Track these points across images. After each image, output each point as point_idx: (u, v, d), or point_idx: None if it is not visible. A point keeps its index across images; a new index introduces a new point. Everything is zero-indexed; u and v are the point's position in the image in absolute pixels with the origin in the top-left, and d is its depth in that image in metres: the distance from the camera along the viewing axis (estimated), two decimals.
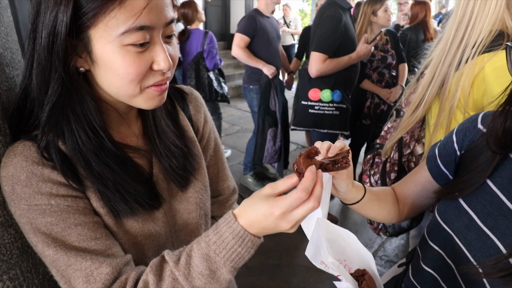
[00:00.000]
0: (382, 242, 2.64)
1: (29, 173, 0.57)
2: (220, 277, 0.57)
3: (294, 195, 0.51)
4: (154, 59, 0.57)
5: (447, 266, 0.68)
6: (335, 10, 2.21)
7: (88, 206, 0.62)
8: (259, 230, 0.56)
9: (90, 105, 0.60)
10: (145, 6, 0.52)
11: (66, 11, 0.51)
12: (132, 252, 0.67)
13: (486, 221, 0.62)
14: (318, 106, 2.42)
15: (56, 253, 0.57)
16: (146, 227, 0.69)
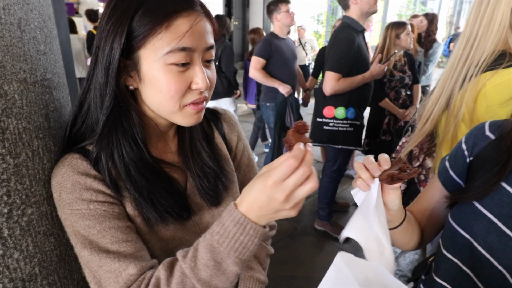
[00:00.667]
0: (396, 256, 2.57)
1: (74, 182, 0.61)
2: (226, 269, 0.55)
3: (284, 163, 0.49)
4: (193, 78, 0.61)
5: (463, 275, 0.64)
6: (348, 32, 2.25)
7: (122, 212, 0.65)
8: (258, 212, 0.53)
9: (135, 120, 0.65)
10: (188, 30, 0.57)
11: (122, 35, 0.57)
12: (163, 258, 0.67)
13: (508, 223, 0.60)
14: (333, 123, 2.43)
15: (90, 254, 0.60)
16: (177, 236, 0.71)
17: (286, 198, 0.50)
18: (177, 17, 0.57)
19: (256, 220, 0.54)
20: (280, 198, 0.50)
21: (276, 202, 0.51)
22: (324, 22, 8.61)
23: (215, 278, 0.55)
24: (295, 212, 0.53)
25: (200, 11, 0.61)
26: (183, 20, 0.58)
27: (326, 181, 2.68)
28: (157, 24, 0.56)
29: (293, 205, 0.52)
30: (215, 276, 0.55)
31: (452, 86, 0.99)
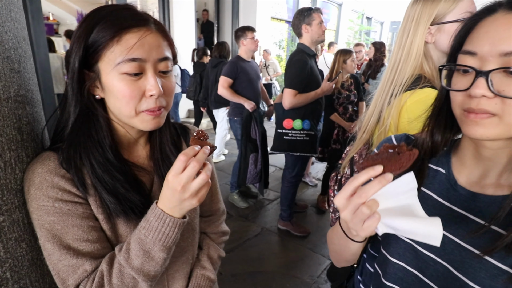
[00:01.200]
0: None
1: (42, 179, 0.61)
2: (154, 256, 0.60)
3: (177, 160, 0.54)
4: (146, 86, 0.61)
5: (410, 275, 0.63)
6: (302, 55, 2.35)
7: (86, 211, 0.64)
8: (169, 204, 0.58)
9: (103, 126, 0.66)
10: (136, 43, 0.59)
11: (80, 51, 0.59)
12: None
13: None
14: (291, 133, 2.50)
15: (53, 248, 0.60)
16: None
17: (182, 188, 0.55)
18: (127, 32, 0.59)
19: (171, 212, 0.59)
20: (178, 188, 0.54)
21: (176, 193, 0.55)
22: (285, 47, 8.86)
23: (146, 264, 0.60)
24: (196, 201, 0.57)
25: (152, 27, 0.62)
26: (132, 35, 0.59)
27: (286, 186, 2.73)
28: (108, 38, 0.58)
29: (191, 195, 0.56)
30: (145, 263, 0.60)
31: (382, 102, 1.06)
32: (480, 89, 0.47)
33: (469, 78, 0.49)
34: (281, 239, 2.74)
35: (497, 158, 0.54)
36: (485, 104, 0.47)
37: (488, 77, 0.46)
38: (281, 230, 2.83)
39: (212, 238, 0.93)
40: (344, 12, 10.59)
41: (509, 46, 0.45)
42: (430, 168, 0.65)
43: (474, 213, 0.56)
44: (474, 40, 0.50)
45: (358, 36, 11.26)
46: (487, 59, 0.47)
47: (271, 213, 3.15)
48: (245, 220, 3.01)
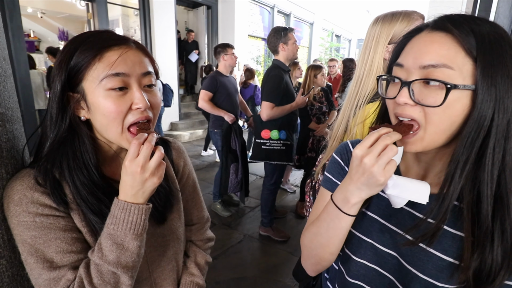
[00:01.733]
0: None
1: (21, 195, 0.59)
2: (128, 246, 0.59)
3: (131, 145, 0.56)
4: (132, 100, 0.60)
5: (371, 270, 0.64)
6: (278, 71, 2.42)
7: (69, 224, 0.62)
8: (131, 191, 0.57)
9: (88, 147, 0.64)
10: (117, 58, 0.59)
11: (63, 72, 0.59)
12: None
13: (391, 221, 0.63)
14: (269, 143, 2.55)
15: (36, 262, 0.58)
16: None
17: (142, 169, 0.55)
18: (108, 50, 0.59)
19: (134, 200, 0.58)
20: (138, 170, 0.55)
21: (137, 175, 0.55)
22: (262, 63, 9.01)
23: (122, 256, 0.58)
24: (157, 179, 0.57)
25: (131, 45, 0.63)
26: (113, 52, 0.59)
27: (266, 193, 2.74)
28: (90, 58, 0.58)
29: (151, 173, 0.56)
30: (121, 255, 0.58)
31: (349, 113, 1.11)
32: (402, 97, 0.50)
33: (398, 87, 0.52)
34: (263, 244, 2.73)
35: (433, 162, 0.58)
36: (410, 110, 0.51)
37: (409, 87, 0.50)
38: (262, 236, 2.82)
39: (198, 245, 0.92)
40: (315, 30, 10.96)
41: (426, 60, 0.49)
42: None
43: (419, 210, 0.60)
44: (403, 54, 0.54)
45: (329, 52, 11.65)
46: (411, 71, 0.51)
47: (253, 220, 3.14)
48: (228, 228, 2.98)
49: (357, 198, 0.53)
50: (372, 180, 0.49)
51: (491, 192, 0.49)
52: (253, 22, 8.32)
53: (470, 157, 0.49)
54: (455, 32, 0.48)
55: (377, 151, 0.48)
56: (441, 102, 0.47)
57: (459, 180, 0.50)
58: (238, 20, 7.15)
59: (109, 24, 5.15)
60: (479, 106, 0.47)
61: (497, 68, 0.46)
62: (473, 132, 0.48)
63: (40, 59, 6.91)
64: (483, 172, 0.49)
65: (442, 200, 0.51)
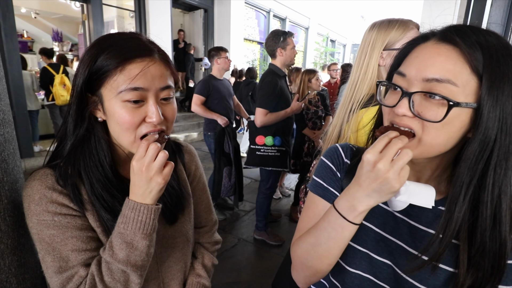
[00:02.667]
0: None
1: (41, 195, 0.61)
2: (137, 245, 0.60)
3: (140, 147, 0.58)
4: (147, 113, 0.61)
5: (365, 280, 0.63)
6: (272, 77, 2.40)
7: (85, 223, 0.64)
8: (138, 191, 0.59)
9: (103, 146, 0.66)
10: (138, 73, 0.59)
11: (84, 75, 0.60)
12: None
13: (386, 229, 0.62)
14: (264, 149, 2.52)
15: (52, 260, 0.60)
16: None
17: (146, 168, 0.57)
18: (130, 62, 0.59)
19: (143, 200, 0.59)
20: (142, 169, 0.57)
21: (142, 174, 0.57)
22: (258, 66, 9.04)
23: (131, 255, 0.60)
24: (161, 179, 0.58)
25: (155, 57, 0.62)
26: (135, 65, 0.59)
27: (261, 197, 2.73)
28: (112, 68, 0.59)
29: (156, 172, 0.57)
30: (131, 254, 0.60)
31: (343, 117, 1.11)
32: (402, 108, 0.49)
33: (397, 96, 0.51)
34: (257, 248, 2.72)
35: (424, 170, 0.58)
36: (407, 121, 0.50)
37: (410, 98, 0.49)
38: (257, 240, 2.81)
39: (205, 247, 0.94)
40: (310, 35, 11.05)
41: (431, 73, 0.47)
42: None
43: (413, 218, 0.59)
44: (406, 63, 0.52)
45: (323, 57, 11.75)
46: (413, 82, 0.49)
47: (247, 224, 3.13)
48: (222, 232, 2.96)
49: (365, 206, 0.50)
50: (386, 187, 0.46)
51: (490, 213, 0.48)
52: (249, 26, 8.36)
53: (474, 178, 0.49)
54: (462, 47, 0.47)
55: (391, 156, 0.46)
56: (442, 118, 0.46)
57: (463, 201, 0.49)
58: (234, 23, 7.18)
59: (104, 26, 5.12)
60: (484, 126, 0.46)
61: (502, 87, 0.45)
62: (477, 152, 0.47)
63: (33, 59, 6.83)
64: (483, 193, 0.48)
65: (447, 221, 0.50)
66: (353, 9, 13.94)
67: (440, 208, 0.58)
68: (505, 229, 0.49)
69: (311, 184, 0.71)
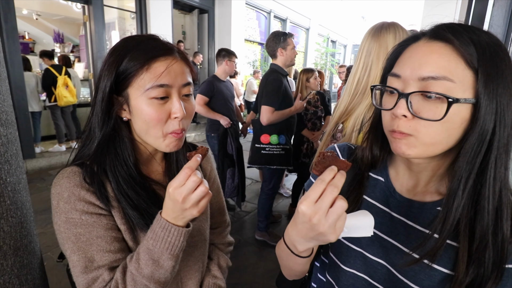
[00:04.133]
0: None
1: (70, 193, 0.62)
2: (163, 264, 0.60)
3: (181, 172, 0.55)
4: (171, 109, 0.63)
5: (360, 280, 0.64)
6: (277, 75, 2.41)
7: (110, 222, 0.65)
8: (172, 214, 0.58)
9: (127, 145, 0.67)
10: (164, 71, 0.61)
11: (111, 77, 0.62)
12: None
13: (381, 229, 0.62)
14: (269, 148, 2.53)
15: (78, 260, 0.61)
16: None
17: (183, 200, 0.55)
18: (155, 61, 0.61)
19: (174, 222, 0.59)
20: (179, 200, 0.55)
21: (178, 204, 0.56)
22: (259, 67, 9.05)
23: (156, 272, 0.60)
24: (196, 211, 0.57)
25: (176, 56, 0.65)
26: (160, 63, 0.61)
27: (263, 198, 2.73)
28: (139, 67, 0.61)
29: (191, 206, 0.56)
30: (155, 271, 0.60)
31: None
32: (400, 109, 0.49)
33: (394, 99, 0.51)
34: (259, 249, 2.71)
35: (423, 171, 0.57)
36: (402, 126, 0.49)
37: (408, 99, 0.48)
38: (258, 241, 2.80)
39: (220, 248, 0.95)
40: (311, 35, 11.05)
41: (426, 71, 0.47)
42: (371, 177, 0.66)
43: (410, 218, 0.59)
44: (399, 64, 0.52)
45: (324, 57, 11.75)
46: (409, 82, 0.49)
47: (248, 225, 3.12)
48: None
49: (305, 247, 0.52)
50: (322, 238, 0.47)
51: (493, 207, 0.48)
52: (250, 27, 8.37)
53: (472, 172, 0.48)
54: (455, 43, 0.46)
55: (326, 208, 0.44)
56: (442, 116, 0.46)
57: (462, 196, 0.49)
58: (234, 24, 7.18)
59: (105, 27, 5.13)
60: (482, 120, 0.46)
61: (498, 80, 0.45)
62: (476, 146, 0.47)
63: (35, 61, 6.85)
64: (484, 187, 0.48)
65: (445, 216, 0.50)
66: (354, 9, 13.95)
67: (439, 209, 0.56)
68: (507, 223, 0.48)
69: (307, 183, 0.74)
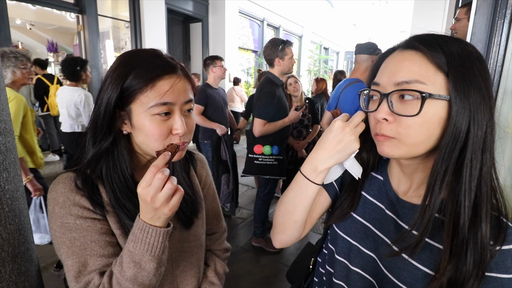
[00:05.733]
0: None
1: (65, 198, 0.63)
2: (145, 266, 0.59)
3: (147, 173, 0.54)
4: (173, 125, 0.64)
5: (353, 273, 0.66)
6: (271, 87, 2.39)
7: (104, 227, 0.65)
8: (147, 215, 0.57)
9: (125, 157, 0.68)
10: (168, 90, 0.62)
11: (116, 91, 0.62)
12: None
13: (376, 225, 0.64)
14: (261, 158, 2.54)
15: (72, 265, 0.62)
16: None
17: (151, 199, 0.54)
18: (160, 79, 0.62)
19: (151, 222, 0.58)
20: (148, 199, 0.54)
21: (147, 203, 0.55)
22: (253, 74, 9.12)
23: (138, 275, 0.59)
24: (168, 210, 0.56)
25: (180, 74, 0.66)
26: (164, 82, 0.62)
27: (259, 204, 2.73)
28: (144, 85, 0.62)
29: (161, 204, 0.55)
30: (138, 274, 0.59)
31: None
32: (381, 113, 0.53)
33: (377, 103, 0.55)
34: (256, 256, 2.71)
35: (415, 173, 0.60)
36: (385, 129, 0.54)
37: (388, 99, 0.53)
38: (255, 247, 2.80)
39: (217, 254, 0.96)
40: (304, 43, 11.21)
41: (400, 77, 0.52)
42: (372, 176, 0.70)
43: (400, 217, 0.61)
44: (379, 74, 0.57)
45: (317, 64, 11.90)
46: (386, 88, 0.54)
47: (245, 231, 3.12)
48: None
49: (325, 166, 0.60)
50: (349, 147, 0.57)
51: (469, 203, 0.50)
52: (244, 35, 8.46)
53: (449, 169, 0.51)
54: (423, 50, 0.51)
55: (355, 123, 0.58)
56: (418, 112, 0.49)
57: (439, 191, 0.52)
58: (228, 33, 7.26)
59: (99, 36, 5.16)
60: (454, 118, 0.49)
61: (469, 81, 0.48)
62: (450, 143, 0.50)
63: None
64: (461, 183, 0.51)
65: (424, 211, 0.53)
66: (346, 17, 14.21)
67: None
68: (487, 221, 0.50)
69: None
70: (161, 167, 0.55)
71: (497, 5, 1.00)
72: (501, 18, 1.00)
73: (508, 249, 0.50)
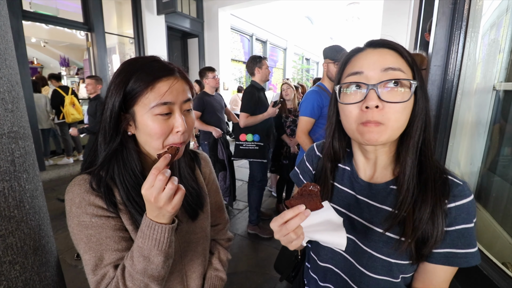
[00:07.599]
0: None
1: (81, 198, 0.61)
2: (153, 260, 0.57)
3: (150, 174, 0.52)
4: (174, 124, 0.62)
5: (337, 254, 0.66)
6: (252, 89, 2.65)
7: (118, 224, 0.64)
8: (152, 213, 0.55)
9: (134, 156, 0.66)
10: (167, 90, 0.60)
11: (119, 96, 0.60)
12: None
13: (350, 210, 0.64)
14: (245, 144, 2.71)
15: (89, 259, 0.60)
16: None
17: (155, 200, 0.52)
18: (159, 81, 0.60)
19: (157, 220, 0.56)
20: (151, 200, 0.53)
21: (151, 204, 0.53)
22: (244, 83, 9.10)
23: (148, 268, 0.58)
24: (171, 208, 0.54)
25: (177, 75, 0.64)
26: (163, 83, 0.60)
27: (255, 192, 2.76)
28: (144, 87, 0.59)
29: (164, 204, 0.53)
30: (147, 267, 0.58)
31: None
32: (372, 101, 0.50)
33: (361, 93, 0.52)
34: (251, 242, 2.70)
35: (379, 157, 0.61)
36: (377, 116, 0.51)
37: (376, 89, 0.51)
38: (250, 234, 2.79)
39: (221, 243, 0.94)
40: (288, 54, 11.24)
41: (387, 63, 0.51)
42: (340, 168, 0.69)
43: (371, 198, 0.62)
44: (356, 65, 0.54)
45: (300, 73, 11.95)
46: (371, 76, 0.52)
47: (241, 221, 3.11)
48: None
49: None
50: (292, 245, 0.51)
51: (415, 171, 0.55)
52: (235, 48, 8.44)
53: (416, 157, 0.54)
54: (396, 48, 0.53)
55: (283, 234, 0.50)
56: (409, 98, 0.51)
57: (413, 178, 0.55)
58: (222, 46, 7.22)
59: (107, 52, 5.06)
60: (420, 102, 0.53)
61: (421, 78, 0.53)
62: (420, 123, 0.54)
63: None
64: (426, 157, 0.55)
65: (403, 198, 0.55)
66: (323, 31, 14.30)
67: (392, 187, 0.60)
68: (431, 199, 0.53)
69: (292, 172, 0.80)
70: (162, 169, 0.53)
71: (454, 18, 1.02)
72: (458, 29, 1.02)
73: (460, 205, 0.53)
